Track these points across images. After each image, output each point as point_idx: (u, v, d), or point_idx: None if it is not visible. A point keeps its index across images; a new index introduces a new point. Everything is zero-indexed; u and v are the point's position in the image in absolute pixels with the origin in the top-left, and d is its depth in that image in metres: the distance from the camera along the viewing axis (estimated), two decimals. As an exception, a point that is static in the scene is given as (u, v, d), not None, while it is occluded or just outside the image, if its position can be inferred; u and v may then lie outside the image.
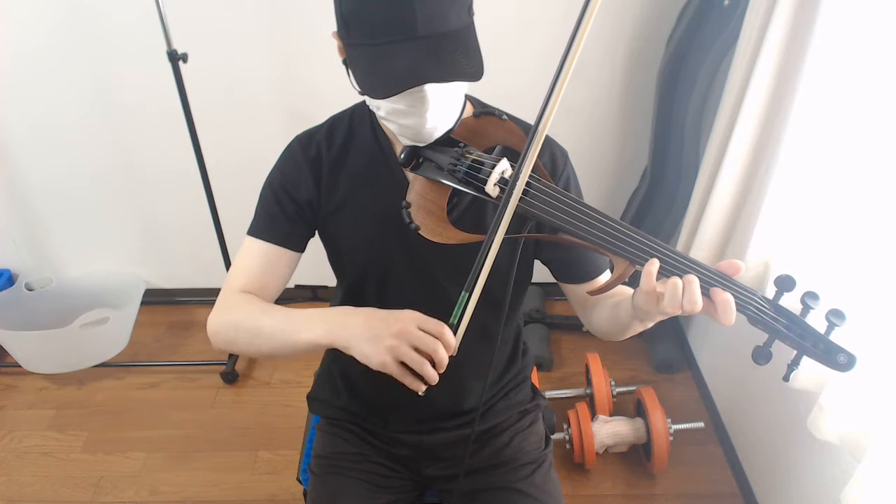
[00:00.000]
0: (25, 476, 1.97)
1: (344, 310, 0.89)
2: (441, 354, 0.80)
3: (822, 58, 1.30)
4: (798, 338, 0.75)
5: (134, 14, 1.90)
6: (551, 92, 0.79)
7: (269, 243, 1.03)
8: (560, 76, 0.78)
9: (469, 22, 0.85)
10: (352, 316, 0.86)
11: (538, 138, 0.82)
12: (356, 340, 0.83)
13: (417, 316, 0.82)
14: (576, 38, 0.77)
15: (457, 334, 0.82)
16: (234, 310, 0.98)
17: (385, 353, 0.80)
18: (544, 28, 1.96)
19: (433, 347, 0.80)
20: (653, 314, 0.80)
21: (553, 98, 0.79)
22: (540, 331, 2.36)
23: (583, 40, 0.76)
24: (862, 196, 1.33)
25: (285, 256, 1.04)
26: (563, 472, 1.93)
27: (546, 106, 0.80)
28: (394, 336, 0.80)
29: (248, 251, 1.04)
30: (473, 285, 0.81)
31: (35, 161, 2.25)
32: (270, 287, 1.04)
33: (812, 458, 1.52)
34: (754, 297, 0.77)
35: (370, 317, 0.84)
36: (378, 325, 0.82)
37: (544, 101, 0.80)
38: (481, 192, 0.87)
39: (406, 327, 0.80)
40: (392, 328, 0.81)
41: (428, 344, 0.80)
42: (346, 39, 0.85)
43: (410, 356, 0.80)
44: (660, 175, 2.09)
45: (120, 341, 2.33)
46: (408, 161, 0.92)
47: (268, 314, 0.95)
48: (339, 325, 0.86)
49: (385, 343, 0.81)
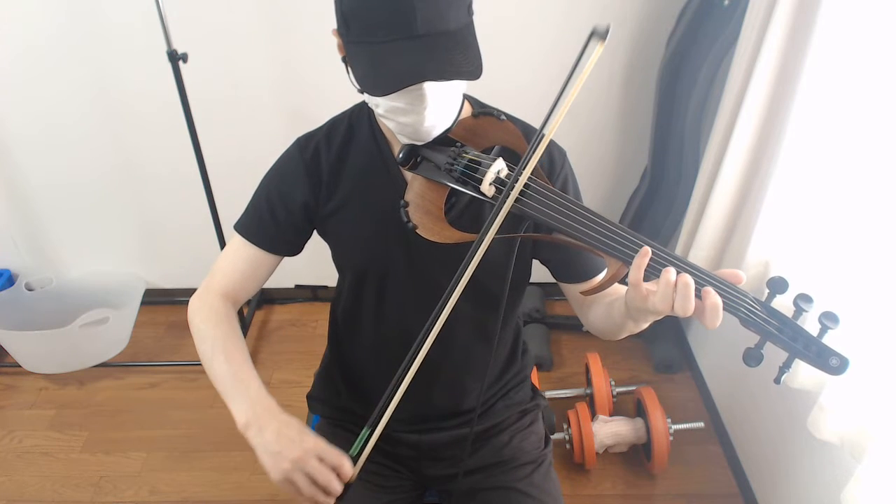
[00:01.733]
0: (25, 476, 1.97)
1: (272, 410, 0.93)
2: (333, 487, 0.87)
3: (822, 58, 1.30)
4: (790, 340, 0.74)
5: (134, 14, 1.90)
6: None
7: (255, 247, 1.06)
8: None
9: (468, 21, 0.85)
10: (272, 421, 0.91)
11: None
12: (261, 448, 0.89)
13: (320, 447, 0.88)
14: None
15: (356, 465, 0.90)
16: (208, 324, 1.03)
17: (280, 473, 0.87)
18: (543, 28, 1.96)
19: (326, 480, 0.86)
20: (643, 311, 0.80)
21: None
22: (540, 331, 2.36)
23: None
24: (862, 196, 1.33)
25: (268, 260, 1.08)
26: (563, 472, 1.93)
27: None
28: (292, 461, 0.86)
29: (235, 250, 1.08)
30: (377, 422, 0.88)
31: (35, 161, 2.25)
32: (248, 288, 1.10)
33: (812, 458, 1.52)
34: (745, 299, 0.77)
35: (281, 432, 0.89)
36: (283, 444, 0.88)
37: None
38: (477, 191, 0.87)
39: (304, 457, 0.87)
40: (293, 453, 0.87)
41: (320, 476, 0.86)
42: (346, 37, 0.86)
43: (302, 482, 0.87)
44: (660, 175, 2.09)
45: (120, 341, 2.33)
46: (406, 160, 0.93)
47: (226, 363, 0.99)
48: (256, 422, 0.91)
49: (283, 465, 0.87)
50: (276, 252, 1.08)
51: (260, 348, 2.44)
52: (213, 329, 1.02)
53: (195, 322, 1.04)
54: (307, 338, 2.49)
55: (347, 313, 1.16)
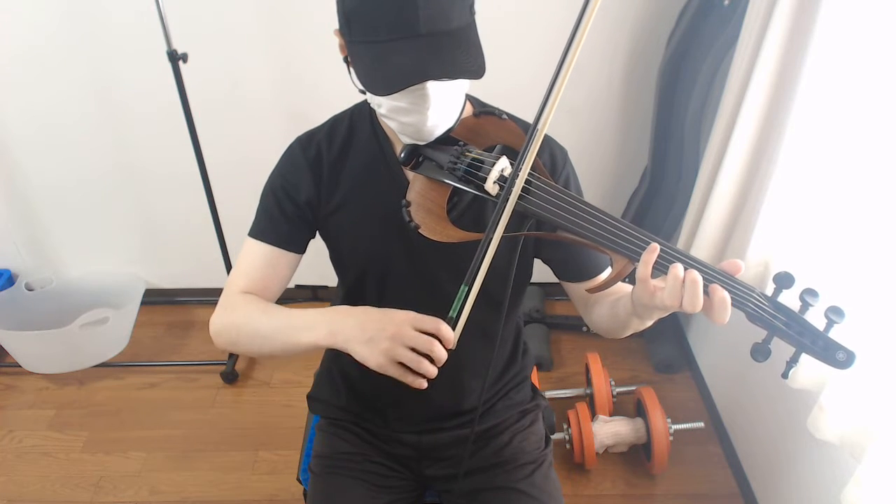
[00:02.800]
0: (25, 476, 1.97)
1: (342, 310, 0.89)
2: (438, 352, 0.81)
3: (822, 58, 1.30)
4: (797, 335, 0.75)
5: (134, 14, 1.90)
6: (550, 90, 0.79)
7: (270, 245, 1.03)
8: (559, 75, 0.78)
9: (471, 20, 0.85)
10: (349, 317, 0.87)
11: (538, 136, 0.82)
12: (353, 343, 0.84)
13: (413, 316, 0.83)
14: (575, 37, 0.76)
15: (456, 328, 0.82)
16: (236, 311, 0.99)
17: (381, 356, 0.81)
18: (545, 27, 1.96)
19: (428, 346, 0.80)
20: (650, 308, 0.80)
21: (552, 97, 0.79)
22: (540, 331, 2.36)
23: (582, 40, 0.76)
24: (862, 195, 1.33)
25: (286, 258, 1.05)
26: (563, 472, 1.93)
27: (545, 104, 0.80)
28: (389, 339, 0.81)
29: (250, 253, 1.04)
30: (473, 278, 0.81)
31: (35, 161, 2.25)
32: (271, 288, 1.05)
33: (812, 458, 1.52)
34: (753, 294, 0.77)
35: (366, 318, 0.85)
36: (373, 328, 0.83)
37: (543, 99, 0.80)
38: (481, 190, 0.87)
39: (400, 330, 0.81)
40: (387, 330, 0.82)
41: (423, 343, 0.80)
42: (348, 37, 0.86)
43: (406, 356, 0.80)
44: (660, 175, 2.09)
45: (120, 341, 2.33)
46: (408, 160, 0.93)
47: (268, 315, 0.95)
48: (337, 326, 0.87)
49: (381, 346, 0.81)
50: (291, 248, 1.05)
51: (260, 348, 2.44)
52: (242, 311, 0.98)
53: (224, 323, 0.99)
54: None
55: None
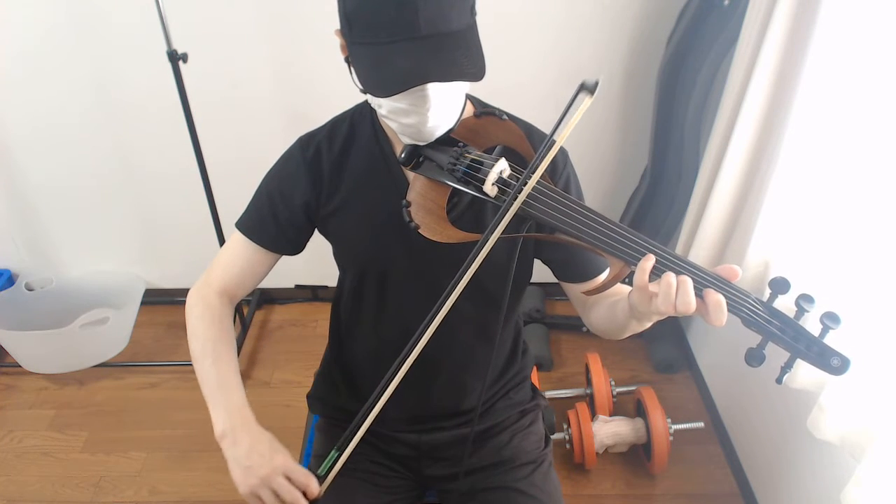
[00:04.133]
0: (25, 476, 1.97)
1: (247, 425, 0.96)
2: None
3: (822, 58, 1.30)
4: (792, 340, 0.75)
5: (134, 14, 1.90)
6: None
7: (255, 245, 1.07)
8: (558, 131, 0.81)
9: (471, 22, 0.85)
10: (245, 435, 0.95)
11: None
12: (232, 462, 0.93)
13: (289, 466, 0.92)
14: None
15: (322, 484, 0.93)
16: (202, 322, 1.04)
17: (248, 487, 0.92)
18: (545, 27, 1.96)
19: (293, 498, 0.91)
20: (648, 313, 0.81)
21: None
22: (540, 331, 2.36)
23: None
24: (862, 196, 1.33)
25: (267, 258, 1.09)
26: (563, 472, 1.93)
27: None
28: (260, 477, 0.91)
29: (234, 248, 1.09)
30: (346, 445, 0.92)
31: (35, 161, 2.25)
32: (247, 285, 1.11)
33: (812, 458, 1.52)
34: (748, 299, 0.77)
35: (253, 448, 0.93)
36: (255, 460, 0.92)
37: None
38: (479, 191, 0.87)
39: (272, 474, 0.91)
40: (262, 469, 0.91)
41: (287, 495, 0.91)
42: (349, 38, 0.86)
43: (268, 500, 0.91)
44: (660, 175, 2.09)
45: (120, 341, 2.33)
46: (408, 160, 0.93)
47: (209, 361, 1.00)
48: (231, 434, 0.94)
49: (250, 480, 0.91)
50: (276, 251, 1.08)
51: (260, 348, 2.44)
52: (207, 329, 1.04)
53: (191, 318, 1.06)
54: (307, 338, 2.49)
55: (348, 313, 1.16)
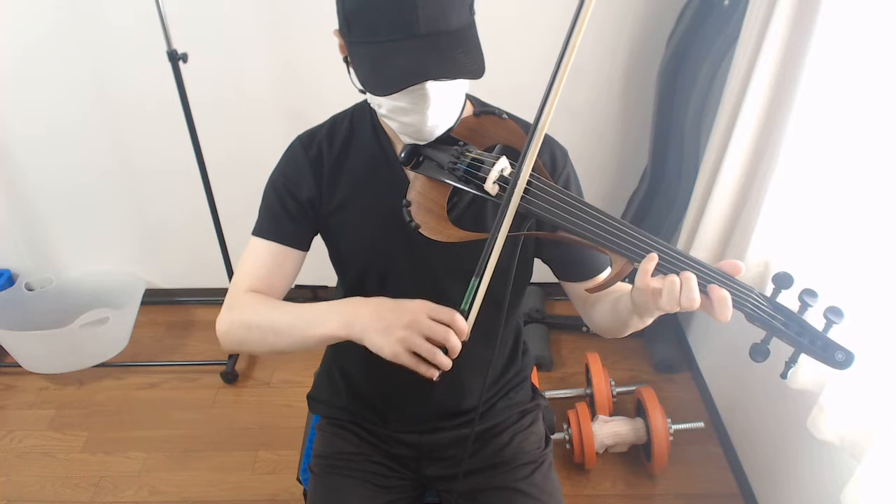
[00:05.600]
0: (25, 476, 1.97)
1: (355, 301, 0.89)
2: (453, 342, 0.80)
3: (823, 58, 1.30)
4: (796, 335, 0.75)
5: (134, 14, 1.90)
6: (549, 89, 0.79)
7: (275, 243, 1.03)
8: (558, 74, 0.78)
9: (470, 21, 0.85)
10: (363, 307, 0.87)
11: (538, 136, 0.81)
12: (369, 332, 0.84)
13: (427, 305, 0.82)
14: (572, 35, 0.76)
15: (468, 319, 0.82)
16: (244, 309, 0.98)
17: (396, 345, 0.81)
18: (545, 27, 1.96)
19: (444, 336, 0.80)
20: (650, 310, 0.81)
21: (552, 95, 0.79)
22: (540, 331, 2.36)
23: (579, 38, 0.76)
24: (862, 196, 1.33)
25: (291, 255, 1.04)
26: (563, 472, 1.93)
27: (545, 103, 0.79)
28: (404, 327, 0.81)
29: (254, 251, 1.04)
30: (483, 270, 0.81)
31: (35, 161, 2.25)
32: (277, 286, 1.04)
33: (812, 458, 1.52)
34: (751, 294, 0.77)
35: (380, 307, 0.85)
36: (388, 316, 0.83)
37: (543, 98, 0.79)
38: (481, 190, 0.87)
39: (416, 318, 0.81)
40: (402, 319, 0.81)
41: (438, 332, 0.80)
42: (348, 37, 0.86)
43: (421, 346, 0.80)
44: (660, 175, 2.09)
45: (120, 341, 2.33)
46: (408, 160, 0.93)
47: (279, 311, 0.95)
48: (351, 316, 0.87)
49: (396, 334, 0.81)
50: (295, 245, 1.04)
51: (260, 348, 2.44)
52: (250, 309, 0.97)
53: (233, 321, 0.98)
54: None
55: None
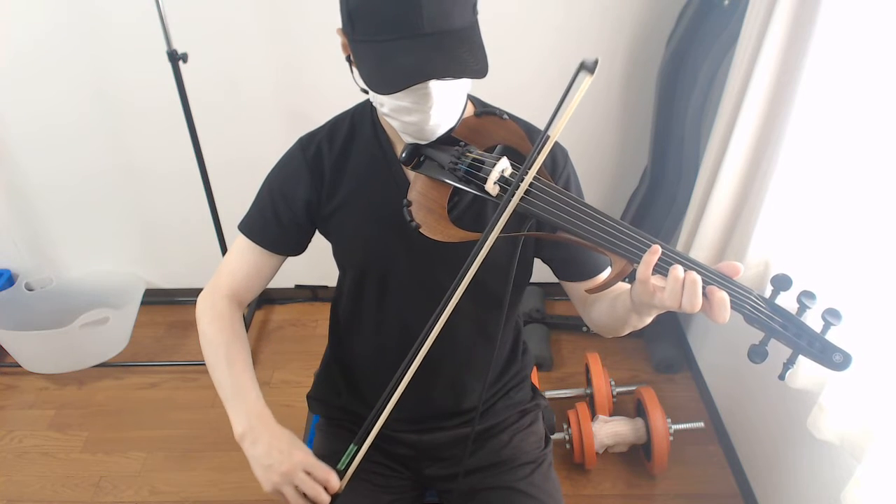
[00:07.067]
0: (25, 476, 1.97)
1: (265, 422, 0.98)
2: (321, 499, 0.93)
3: (823, 58, 1.30)
4: (794, 336, 0.75)
5: (134, 14, 1.90)
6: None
7: (259, 247, 1.08)
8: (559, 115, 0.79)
9: (473, 20, 0.85)
10: (264, 434, 0.96)
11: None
12: (253, 460, 0.95)
13: (308, 461, 0.94)
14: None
15: (342, 479, 0.95)
16: (212, 326, 1.06)
17: (270, 485, 0.94)
18: (546, 27, 1.96)
19: (314, 493, 0.92)
20: (650, 307, 0.81)
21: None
22: (540, 331, 2.36)
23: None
24: (862, 196, 1.33)
25: (272, 260, 1.10)
26: (563, 472, 1.93)
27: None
28: (281, 474, 0.93)
29: (239, 250, 1.10)
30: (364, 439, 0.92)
31: (35, 161, 2.25)
32: (254, 288, 1.12)
33: (812, 458, 1.52)
34: (750, 296, 0.77)
35: (272, 446, 0.95)
36: (275, 456, 0.94)
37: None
38: (481, 190, 0.87)
39: (293, 470, 0.92)
40: (283, 465, 0.93)
41: (308, 489, 0.92)
42: (352, 36, 0.86)
43: (290, 495, 0.93)
44: (660, 175, 2.09)
45: (120, 341, 2.33)
46: (409, 159, 0.93)
47: (223, 361, 1.04)
48: (252, 434, 0.96)
49: (273, 477, 0.93)
50: (279, 252, 1.09)
51: (260, 348, 2.44)
52: (218, 334, 1.06)
53: (202, 324, 1.08)
54: (307, 338, 2.49)
55: (348, 313, 1.16)
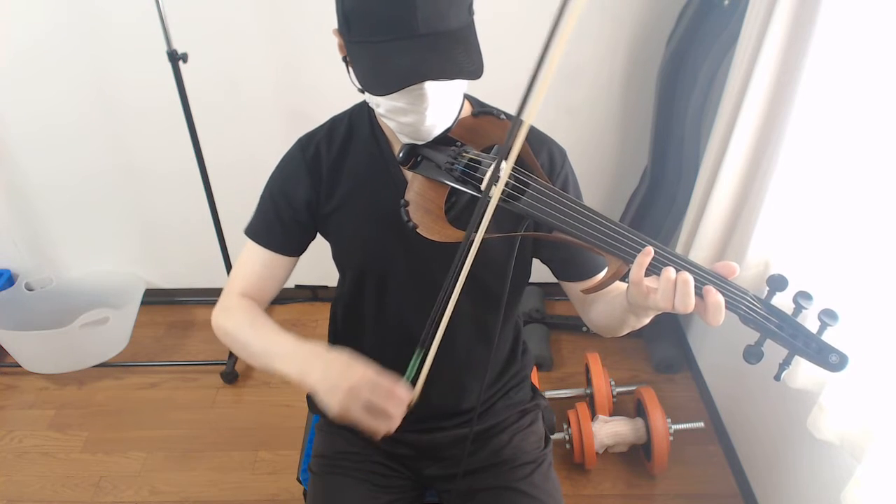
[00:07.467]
0: (25, 476, 1.97)
1: (314, 352, 0.93)
2: (392, 413, 0.85)
3: (823, 58, 1.30)
4: (790, 337, 0.75)
5: (134, 14, 1.90)
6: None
7: (266, 250, 1.07)
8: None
9: (469, 21, 0.85)
10: (317, 361, 0.91)
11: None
12: (317, 389, 0.89)
13: (370, 375, 0.86)
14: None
15: (415, 388, 0.88)
16: (230, 317, 1.04)
17: (337, 407, 0.86)
18: (544, 27, 1.96)
19: (382, 406, 0.85)
20: (645, 308, 0.81)
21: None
22: (540, 331, 2.36)
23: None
24: (862, 196, 1.33)
25: (281, 261, 1.08)
26: (563, 472, 1.93)
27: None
28: (346, 391, 0.86)
29: (248, 255, 1.09)
30: (430, 342, 0.85)
31: (35, 161, 2.25)
32: (268, 290, 1.09)
33: (812, 458, 1.52)
34: (745, 297, 0.77)
35: (330, 366, 0.90)
36: (334, 377, 0.88)
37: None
38: (478, 190, 0.87)
39: (357, 385, 0.85)
40: (346, 382, 0.86)
41: (377, 403, 0.85)
42: (347, 37, 0.86)
43: (358, 414, 0.85)
44: (660, 175, 2.09)
45: (120, 341, 2.33)
46: (406, 160, 0.93)
47: (256, 332, 1.00)
48: (307, 367, 0.92)
49: (338, 397, 0.86)
50: (286, 253, 1.08)
51: (260, 348, 2.44)
52: (234, 320, 1.03)
53: (222, 328, 1.04)
54: (307, 338, 2.47)
55: (347, 313, 1.16)
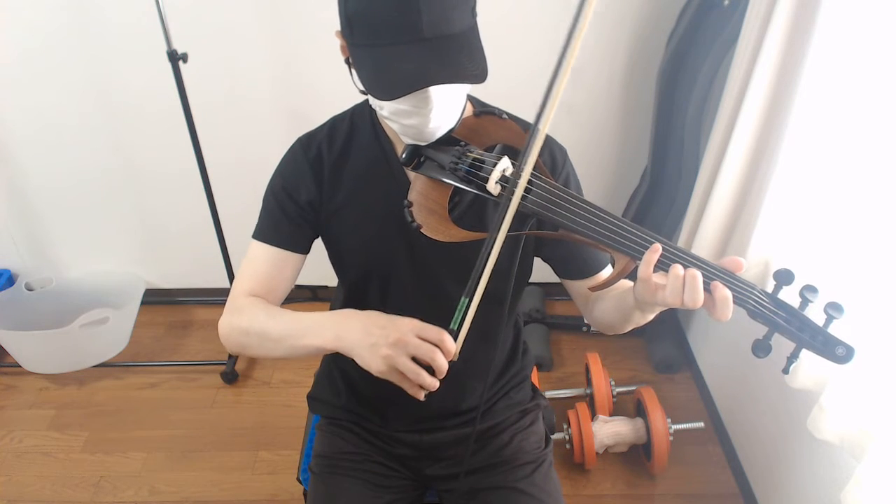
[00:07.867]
0: (25, 476, 1.97)
1: (347, 314, 0.89)
2: (439, 362, 0.80)
3: (823, 58, 1.30)
4: (797, 330, 0.76)
5: (134, 14, 1.90)
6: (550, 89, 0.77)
7: (274, 247, 1.04)
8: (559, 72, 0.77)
9: (473, 24, 0.85)
10: (354, 321, 0.87)
11: (539, 135, 0.81)
12: (357, 348, 0.84)
13: (416, 324, 0.82)
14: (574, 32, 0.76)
15: (457, 340, 0.82)
16: (242, 314, 0.99)
17: (382, 362, 0.81)
18: (545, 27, 1.96)
19: (430, 356, 0.80)
20: (653, 304, 0.81)
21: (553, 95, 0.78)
22: (540, 331, 2.36)
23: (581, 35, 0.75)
24: (862, 194, 1.34)
25: (290, 259, 1.05)
26: (563, 472, 1.93)
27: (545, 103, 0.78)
28: (390, 346, 0.81)
29: (254, 255, 1.05)
30: (474, 290, 0.80)
31: (35, 161, 2.25)
32: (277, 290, 1.05)
33: (812, 458, 1.52)
34: (753, 291, 0.78)
35: (370, 323, 0.85)
36: (376, 333, 0.83)
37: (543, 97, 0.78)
38: (483, 190, 0.87)
39: (403, 337, 0.81)
40: (389, 337, 0.81)
41: (425, 353, 0.80)
42: (350, 39, 0.85)
43: (406, 366, 0.80)
44: (660, 175, 2.09)
45: (120, 341, 2.33)
46: (409, 160, 0.93)
47: (275, 318, 0.96)
48: (342, 330, 0.87)
49: (382, 352, 0.81)
50: (294, 249, 1.05)
51: (260, 348, 2.44)
52: (247, 315, 0.98)
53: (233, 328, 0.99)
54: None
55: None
